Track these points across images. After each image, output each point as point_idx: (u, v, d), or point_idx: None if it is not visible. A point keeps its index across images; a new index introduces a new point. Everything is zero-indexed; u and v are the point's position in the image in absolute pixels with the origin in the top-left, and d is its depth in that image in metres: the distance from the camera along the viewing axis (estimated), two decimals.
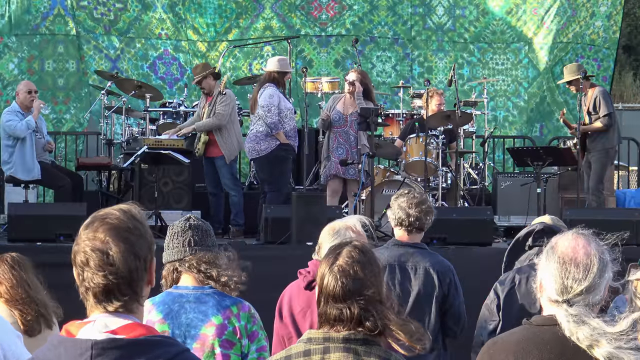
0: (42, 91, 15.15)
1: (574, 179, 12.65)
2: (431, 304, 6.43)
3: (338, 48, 16.02)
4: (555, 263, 3.21)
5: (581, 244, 3.23)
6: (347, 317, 3.52)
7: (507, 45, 16.14)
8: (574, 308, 3.15)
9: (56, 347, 2.83)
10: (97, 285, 2.80)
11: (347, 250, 3.61)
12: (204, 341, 4.57)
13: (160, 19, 15.63)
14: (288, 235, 10.68)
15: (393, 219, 6.52)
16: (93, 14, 15.36)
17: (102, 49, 15.40)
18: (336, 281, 3.54)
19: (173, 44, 15.73)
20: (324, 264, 3.60)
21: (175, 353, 2.82)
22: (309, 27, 15.98)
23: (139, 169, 12.58)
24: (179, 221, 4.76)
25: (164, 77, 15.68)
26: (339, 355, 3.51)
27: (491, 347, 3.34)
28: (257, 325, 4.66)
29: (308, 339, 3.57)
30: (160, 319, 4.58)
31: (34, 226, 10.71)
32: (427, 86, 13.00)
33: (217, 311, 4.59)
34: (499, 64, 16.14)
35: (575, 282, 3.18)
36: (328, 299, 3.54)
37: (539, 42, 16.06)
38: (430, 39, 16.11)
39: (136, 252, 2.82)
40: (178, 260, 4.65)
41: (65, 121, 15.32)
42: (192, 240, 4.65)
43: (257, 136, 11.66)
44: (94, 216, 2.87)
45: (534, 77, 16.14)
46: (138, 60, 15.59)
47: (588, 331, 3.11)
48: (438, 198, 12.57)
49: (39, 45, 15.18)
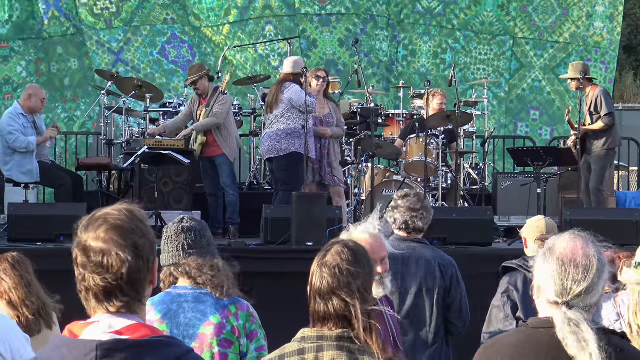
0: (51, 93, 15.22)
1: (574, 179, 12.64)
2: (433, 297, 6.45)
3: (340, 27, 16.00)
4: (554, 264, 3.20)
5: (580, 245, 3.23)
6: (332, 313, 3.54)
7: (493, 37, 16.28)
8: (573, 312, 3.14)
9: (60, 348, 2.81)
10: (98, 286, 2.79)
11: (335, 248, 3.66)
12: (202, 340, 4.58)
13: (164, 5, 15.66)
14: (288, 235, 10.68)
15: (392, 222, 6.56)
16: (93, 10, 15.48)
17: (104, 43, 15.47)
18: (322, 277, 3.58)
19: (181, 28, 15.74)
20: (315, 262, 3.65)
21: (180, 354, 2.81)
22: (309, 5, 15.95)
23: (139, 169, 12.58)
24: (172, 223, 4.74)
25: (177, 61, 15.69)
26: (333, 353, 3.53)
27: (488, 350, 3.34)
28: (256, 325, 4.66)
29: (302, 338, 3.59)
30: (159, 319, 4.59)
31: (34, 226, 10.69)
32: (427, 86, 12.99)
33: (216, 310, 4.60)
34: (482, 54, 16.29)
35: (575, 283, 3.17)
36: (316, 296, 3.58)
37: (524, 37, 16.21)
38: (417, 22, 16.22)
39: (139, 252, 2.81)
40: (173, 264, 4.66)
41: (77, 118, 15.39)
42: (186, 244, 4.65)
43: (278, 134, 11.60)
44: (95, 216, 2.85)
45: (516, 69, 16.32)
46: (147, 47, 15.62)
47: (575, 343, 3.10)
48: (438, 198, 12.57)
49: (45, 48, 15.28)
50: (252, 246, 10.88)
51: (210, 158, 12.14)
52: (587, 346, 3.08)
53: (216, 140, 12.03)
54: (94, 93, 15.15)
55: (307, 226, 10.49)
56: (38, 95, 12.19)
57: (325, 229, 10.52)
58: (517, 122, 16.40)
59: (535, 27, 16.23)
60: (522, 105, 16.35)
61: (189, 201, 12.70)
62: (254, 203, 12.08)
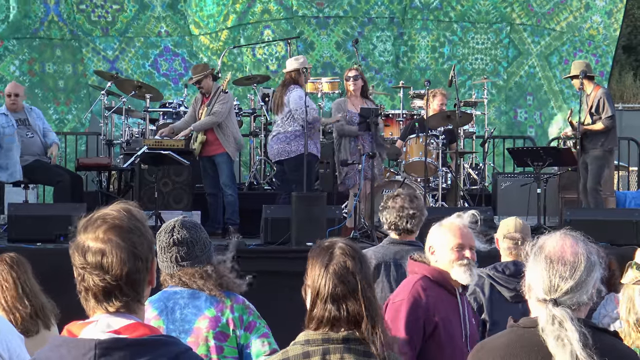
0: (44, 92, 15.21)
1: (574, 179, 12.64)
2: None
3: (337, 30, 16.04)
4: (543, 262, 3.20)
5: (569, 243, 3.23)
6: (344, 316, 3.52)
7: (490, 26, 16.30)
8: (559, 309, 3.14)
9: (58, 347, 2.82)
10: (97, 286, 2.79)
11: (339, 249, 3.61)
12: (197, 334, 4.58)
13: (159, 18, 15.67)
14: (288, 235, 10.68)
15: (385, 222, 6.58)
16: (90, 17, 15.46)
17: (100, 50, 15.48)
18: (333, 281, 3.54)
19: (174, 41, 15.76)
20: (317, 265, 3.60)
21: (177, 352, 2.82)
22: (306, 8, 15.97)
23: (139, 169, 12.58)
24: (165, 232, 4.66)
25: (167, 74, 15.73)
26: (340, 355, 3.51)
27: (479, 351, 3.33)
28: (253, 316, 4.65)
29: (306, 341, 3.56)
30: (155, 316, 4.60)
31: (34, 226, 10.70)
32: (427, 86, 12.99)
33: (211, 304, 4.60)
34: (479, 43, 16.31)
35: (562, 280, 3.17)
36: (326, 300, 3.53)
37: (522, 22, 16.21)
38: (415, 17, 16.24)
39: (137, 252, 2.81)
40: (169, 275, 4.67)
41: (67, 121, 15.40)
42: (178, 256, 4.63)
43: (287, 137, 11.66)
44: (93, 217, 2.86)
45: (514, 57, 16.34)
46: (139, 59, 15.65)
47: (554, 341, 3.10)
48: (438, 198, 12.57)
49: (39, 48, 15.26)
50: (252, 246, 10.88)
51: (211, 157, 12.14)
52: (570, 344, 3.07)
53: (217, 138, 12.03)
54: (86, 100, 15.19)
55: (307, 226, 10.49)
56: (5, 91, 12.31)
57: (325, 229, 10.53)
58: (516, 109, 16.42)
59: (533, 12, 16.22)
60: (520, 92, 16.38)
61: (189, 201, 12.70)
62: (254, 203, 12.08)
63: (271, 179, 13.98)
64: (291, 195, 11.13)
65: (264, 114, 13.90)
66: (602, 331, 3.23)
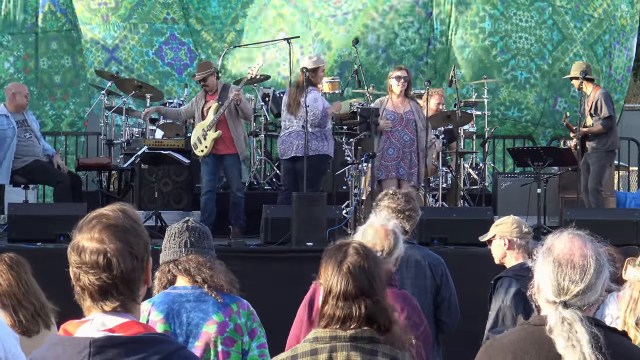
0: (39, 89, 15.14)
1: (574, 179, 12.64)
2: (424, 296, 6.44)
3: (357, 24, 15.22)
4: (551, 265, 3.21)
5: (577, 245, 3.23)
6: (356, 315, 3.53)
7: (531, 3, 15.38)
8: (569, 311, 3.15)
9: (54, 346, 2.84)
10: (94, 285, 2.81)
11: (353, 248, 3.63)
12: (205, 339, 4.61)
13: (165, 3, 15.34)
14: (288, 235, 10.69)
15: None
16: (90, 5, 15.14)
17: (99, 40, 15.15)
18: (347, 280, 3.56)
19: (181, 29, 15.46)
20: (331, 264, 3.61)
21: (172, 350, 2.84)
22: (323, 8, 15.32)
23: (139, 169, 12.58)
24: (178, 223, 4.79)
25: (172, 63, 15.40)
26: (347, 353, 3.53)
27: (489, 348, 3.35)
28: (256, 323, 4.71)
29: (314, 338, 3.58)
30: (161, 319, 4.61)
31: (34, 226, 10.71)
32: (427, 86, 12.99)
33: (218, 309, 4.63)
34: (523, 21, 15.35)
35: (572, 284, 3.18)
36: (338, 299, 3.55)
37: (562, 5, 15.42)
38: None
39: (133, 251, 2.83)
40: (173, 261, 4.68)
41: (64, 117, 15.29)
42: (189, 241, 4.69)
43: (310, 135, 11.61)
44: (89, 217, 2.88)
45: (558, 41, 15.44)
46: (143, 46, 15.31)
47: (564, 342, 3.11)
48: (438, 198, 12.57)
49: (35, 44, 15.11)
50: (252, 246, 10.88)
51: (220, 156, 12.01)
52: (579, 346, 3.08)
53: (232, 137, 11.95)
54: (85, 93, 15.10)
55: (307, 226, 10.50)
56: (21, 92, 12.18)
57: (325, 229, 10.53)
58: (557, 97, 15.52)
59: None
60: (565, 80, 14.56)
61: (189, 201, 12.71)
62: (254, 203, 12.06)
63: (271, 178, 13.97)
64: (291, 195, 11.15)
65: (264, 114, 13.89)
66: (612, 330, 3.24)
